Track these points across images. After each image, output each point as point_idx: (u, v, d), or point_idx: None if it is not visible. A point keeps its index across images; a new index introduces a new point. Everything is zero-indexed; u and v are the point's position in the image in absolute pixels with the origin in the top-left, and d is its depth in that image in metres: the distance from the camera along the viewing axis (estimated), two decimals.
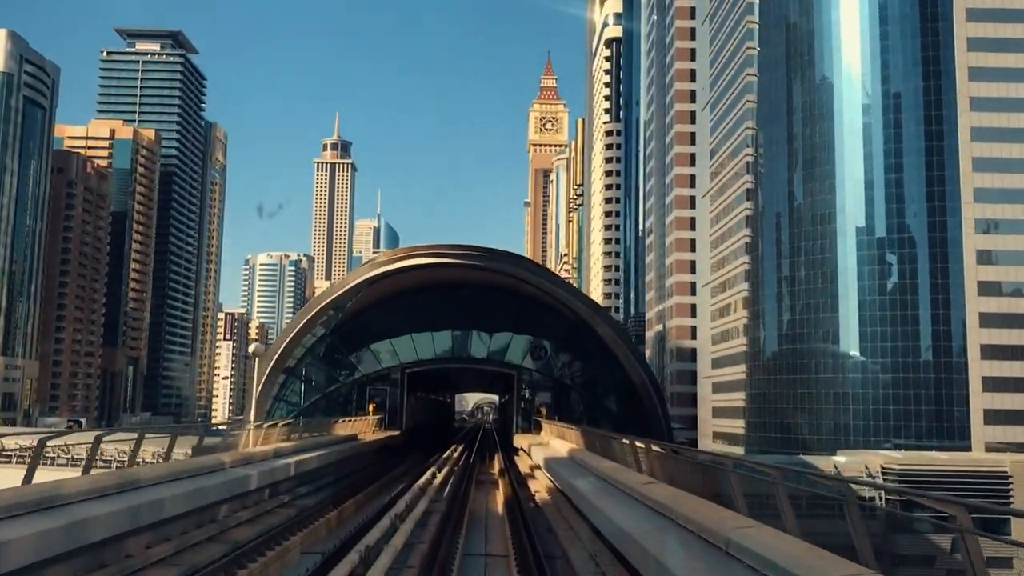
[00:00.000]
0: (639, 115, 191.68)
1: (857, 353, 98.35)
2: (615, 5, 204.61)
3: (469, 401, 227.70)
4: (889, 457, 70.73)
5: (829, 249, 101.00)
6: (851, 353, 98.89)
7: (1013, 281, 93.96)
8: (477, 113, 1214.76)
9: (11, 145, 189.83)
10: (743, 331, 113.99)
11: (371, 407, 53.02)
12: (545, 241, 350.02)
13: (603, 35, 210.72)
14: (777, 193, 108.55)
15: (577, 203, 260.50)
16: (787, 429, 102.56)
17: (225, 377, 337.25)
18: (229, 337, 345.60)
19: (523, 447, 44.88)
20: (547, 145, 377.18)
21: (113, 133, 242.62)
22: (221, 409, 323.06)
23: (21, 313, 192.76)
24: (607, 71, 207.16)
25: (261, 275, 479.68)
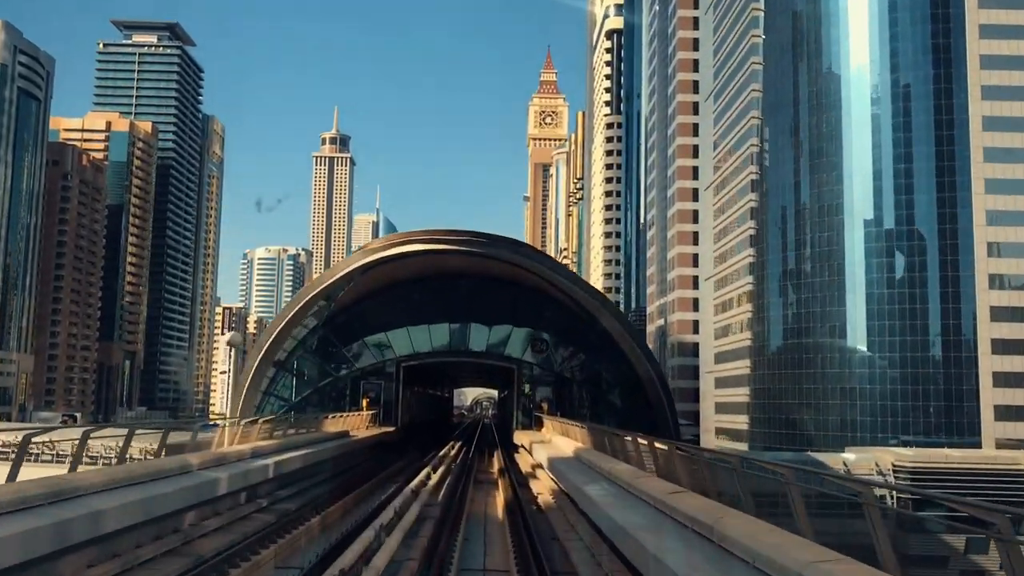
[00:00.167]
0: (640, 108, 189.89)
1: (864, 347, 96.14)
2: None
3: (468, 396, 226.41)
4: (900, 454, 68.48)
5: (836, 241, 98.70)
6: (858, 347, 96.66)
7: None
8: (476, 107, 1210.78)
9: (5, 137, 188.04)
10: (747, 325, 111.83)
11: (365, 402, 50.83)
12: (545, 235, 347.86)
13: (603, 27, 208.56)
14: (783, 184, 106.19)
15: (577, 197, 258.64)
16: (792, 425, 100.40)
17: (223, 372, 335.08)
18: (227, 332, 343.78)
19: (523, 444, 42.78)
20: (547, 139, 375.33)
21: (109, 125, 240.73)
22: (219, 404, 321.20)
23: (16, 307, 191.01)
24: (608, 63, 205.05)
25: (259, 269, 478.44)
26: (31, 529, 10.89)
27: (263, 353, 47.42)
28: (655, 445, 16.41)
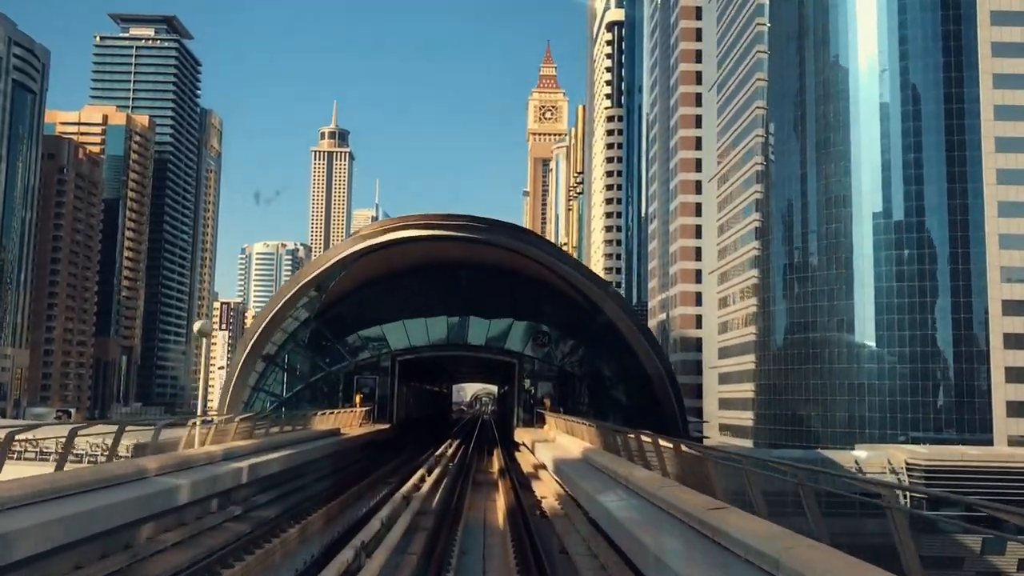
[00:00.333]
0: (641, 102, 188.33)
1: (872, 342, 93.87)
2: None
3: (468, 392, 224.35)
4: (914, 452, 66.21)
5: (844, 233, 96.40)
6: (866, 342, 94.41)
7: None
8: (476, 102, 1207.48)
9: None
10: (752, 320, 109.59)
11: (358, 398, 48.55)
12: (544, 230, 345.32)
13: (604, 19, 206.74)
14: (789, 175, 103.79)
15: (577, 191, 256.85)
16: (799, 421, 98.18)
17: (221, 367, 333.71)
18: (225, 327, 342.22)
19: (525, 443, 40.58)
20: (546, 134, 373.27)
21: (106, 119, 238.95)
22: (217, 399, 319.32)
23: (11, 302, 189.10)
24: (608, 55, 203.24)
25: (257, 264, 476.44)
26: None
27: (251, 346, 45.06)
28: (682, 449, 14.19)
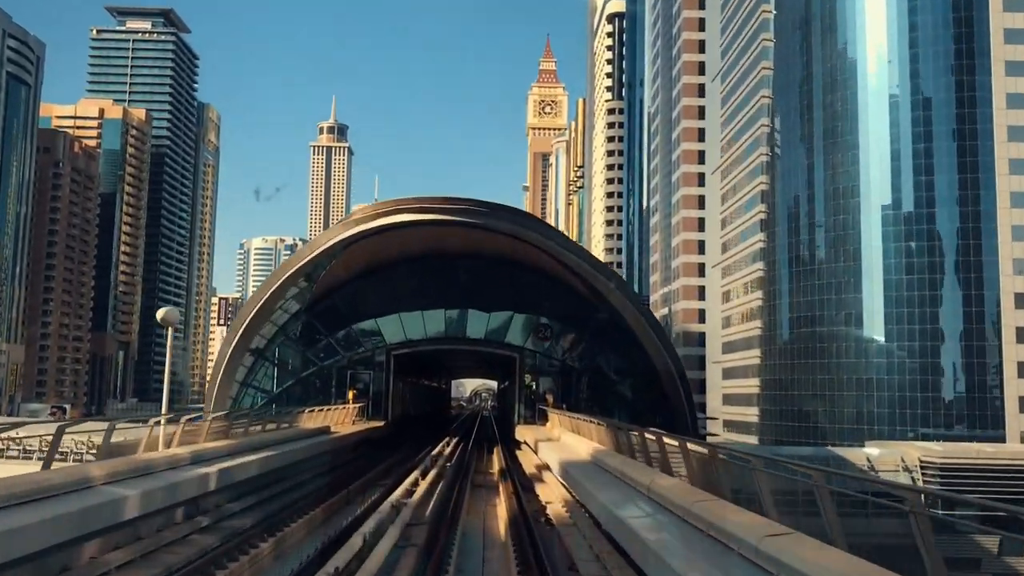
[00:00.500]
0: (642, 94, 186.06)
1: (881, 337, 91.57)
2: None
3: (467, 387, 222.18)
4: (928, 449, 64.07)
5: (852, 225, 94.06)
6: (875, 336, 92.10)
7: None
8: (475, 97, 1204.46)
9: None
10: (757, 313, 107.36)
11: (351, 394, 46.28)
12: None
13: (604, 11, 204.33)
14: (795, 166, 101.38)
15: (577, 185, 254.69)
16: (805, 417, 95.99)
17: None
18: (223, 322, 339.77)
19: (526, 441, 38.40)
20: (546, 129, 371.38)
21: (102, 113, 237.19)
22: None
23: (6, 297, 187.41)
24: (609, 47, 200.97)
25: (256, 259, 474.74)
26: None
27: (237, 340, 42.74)
28: (718, 456, 12.01)
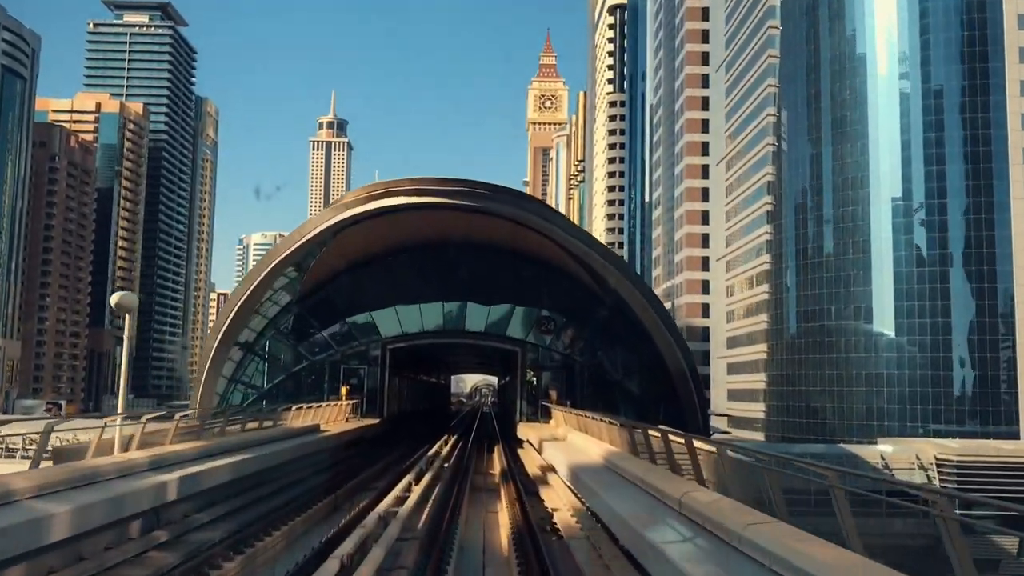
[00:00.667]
0: (644, 86, 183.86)
1: (891, 330, 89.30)
2: None
3: (467, 383, 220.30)
4: (944, 446, 61.90)
5: (861, 216, 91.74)
6: (885, 331, 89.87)
7: None
8: (475, 91, 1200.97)
9: None
10: (763, 307, 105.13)
11: (344, 390, 44.03)
12: None
13: (606, 2, 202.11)
14: (802, 156, 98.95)
15: (578, 179, 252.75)
16: (813, 414, 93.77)
17: None
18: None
19: (530, 440, 36.17)
20: (546, 123, 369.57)
21: (99, 107, 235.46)
22: None
23: (1, 292, 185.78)
24: (610, 39, 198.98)
25: (255, 255, 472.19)
26: None
27: (223, 332, 40.34)
28: (771, 469, 9.77)
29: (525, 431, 39.07)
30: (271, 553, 15.01)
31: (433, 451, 34.67)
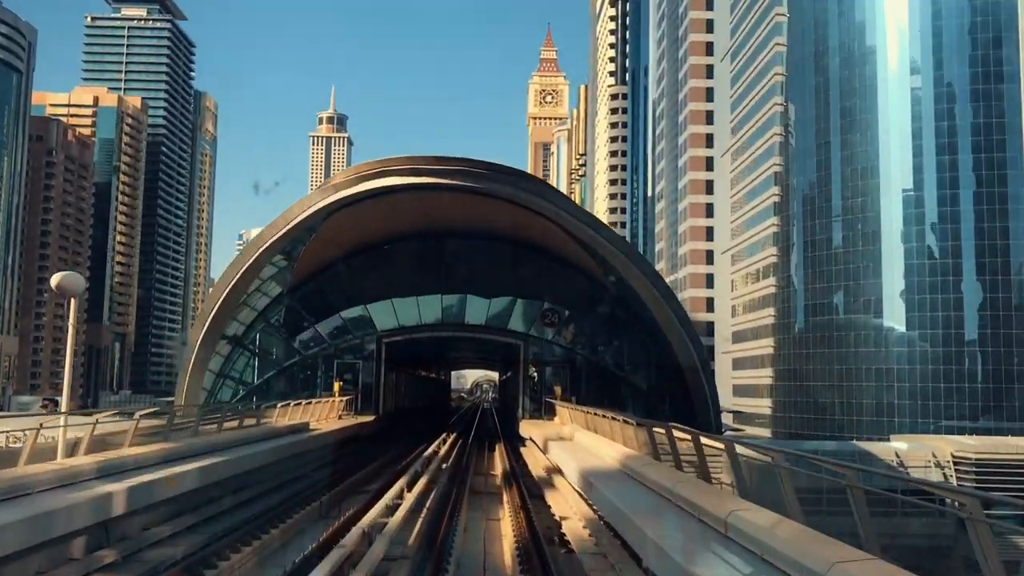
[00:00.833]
0: (647, 80, 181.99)
1: (902, 324, 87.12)
2: None
3: (468, 379, 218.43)
4: (961, 444, 59.69)
5: (870, 208, 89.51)
6: (895, 325, 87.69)
7: None
8: (475, 86, 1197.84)
9: None
10: (770, 301, 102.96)
11: (337, 386, 41.91)
12: None
13: None
14: (810, 146, 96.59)
15: (579, 174, 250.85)
16: (822, 410, 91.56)
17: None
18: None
19: (533, 438, 34.07)
20: (547, 118, 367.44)
21: (97, 101, 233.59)
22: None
23: None
24: (612, 31, 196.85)
25: None
26: None
27: (208, 324, 38.00)
28: (860, 489, 7.67)
29: (528, 429, 36.99)
30: (250, 563, 12.90)
31: (430, 450, 32.51)
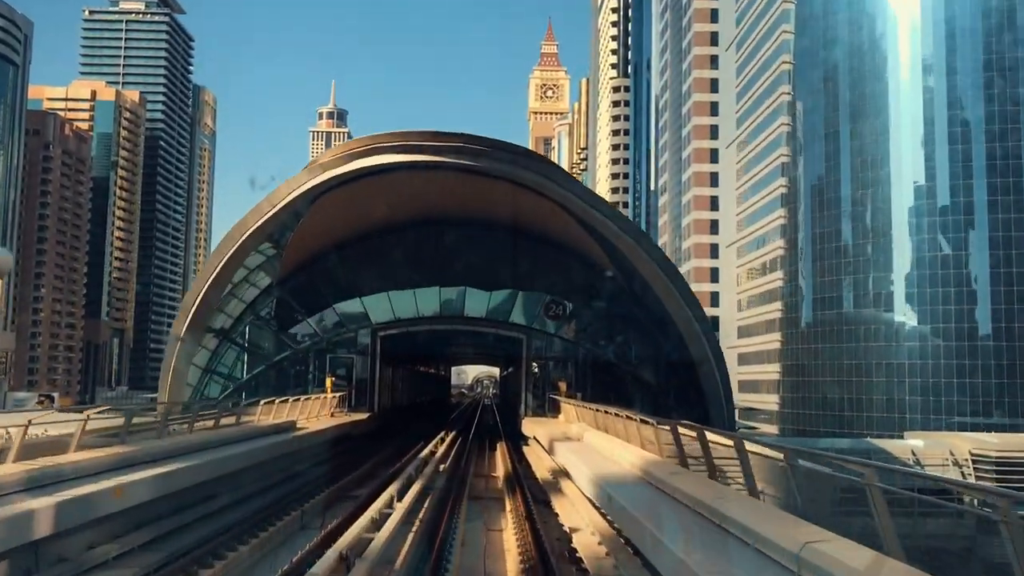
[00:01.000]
0: (649, 72, 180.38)
1: (914, 319, 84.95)
2: None
3: (469, 374, 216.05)
4: (980, 441, 57.52)
5: (881, 198, 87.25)
6: (906, 319, 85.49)
7: None
8: (476, 81, 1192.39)
9: None
10: (777, 295, 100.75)
11: (329, 382, 39.69)
12: None
13: None
14: (818, 137, 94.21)
15: (580, 168, 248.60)
16: (831, 406, 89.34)
17: None
18: None
19: (536, 437, 32.01)
20: (548, 113, 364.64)
21: (94, 95, 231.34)
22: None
23: None
24: (614, 23, 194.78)
25: None
26: None
27: (191, 316, 35.52)
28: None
29: (531, 427, 34.82)
30: None
31: (427, 451, 30.40)
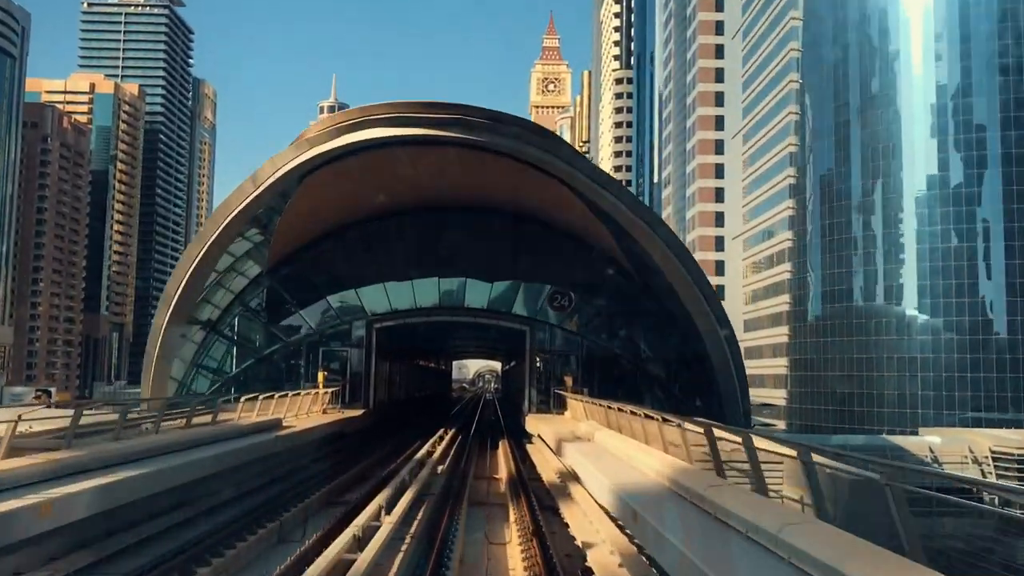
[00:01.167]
0: (652, 63, 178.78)
1: (927, 312, 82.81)
2: None
3: (471, 369, 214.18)
4: (1000, 438, 55.37)
5: (892, 189, 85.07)
6: (918, 312, 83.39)
7: None
8: (477, 75, 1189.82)
9: None
10: (784, 287, 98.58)
11: (321, 376, 37.66)
12: None
13: None
14: (828, 126, 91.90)
15: None
16: (840, 401, 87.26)
17: None
18: None
19: (541, 435, 29.96)
20: (549, 107, 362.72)
21: (93, 87, 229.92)
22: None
23: None
24: (616, 14, 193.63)
25: None
26: None
27: (173, 306, 33.15)
28: None
29: (536, 424, 32.75)
30: None
31: (423, 452, 28.35)
